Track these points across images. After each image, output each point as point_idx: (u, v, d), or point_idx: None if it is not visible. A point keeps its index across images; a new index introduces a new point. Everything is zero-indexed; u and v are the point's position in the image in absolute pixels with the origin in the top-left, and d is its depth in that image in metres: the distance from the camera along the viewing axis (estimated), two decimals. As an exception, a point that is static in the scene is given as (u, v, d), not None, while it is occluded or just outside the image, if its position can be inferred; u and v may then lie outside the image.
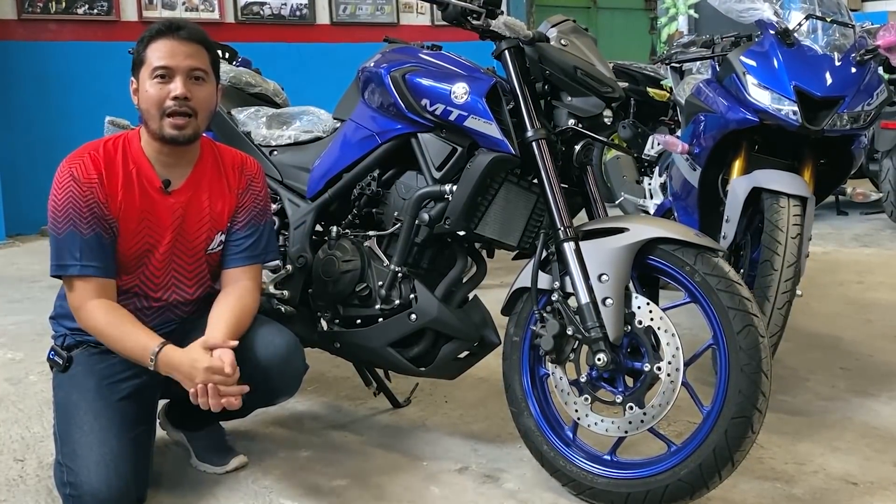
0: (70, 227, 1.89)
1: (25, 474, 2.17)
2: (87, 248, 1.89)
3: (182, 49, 1.91)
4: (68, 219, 1.89)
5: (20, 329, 3.58)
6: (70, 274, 1.90)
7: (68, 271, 1.90)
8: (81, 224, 1.88)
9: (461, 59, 2.19)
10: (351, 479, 2.11)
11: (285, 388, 2.08)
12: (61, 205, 1.90)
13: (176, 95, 1.89)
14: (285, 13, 7.11)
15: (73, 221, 1.89)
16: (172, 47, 1.91)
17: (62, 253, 1.90)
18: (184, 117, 1.91)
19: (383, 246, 2.23)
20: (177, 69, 1.90)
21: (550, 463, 1.97)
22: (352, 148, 2.28)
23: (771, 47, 2.61)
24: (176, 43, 1.91)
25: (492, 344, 2.17)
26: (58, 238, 1.90)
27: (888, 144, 5.24)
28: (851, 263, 4.44)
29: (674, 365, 1.78)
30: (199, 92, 1.93)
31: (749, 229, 2.66)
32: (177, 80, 1.90)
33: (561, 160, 2.06)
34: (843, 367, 2.83)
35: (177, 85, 1.90)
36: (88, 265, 1.89)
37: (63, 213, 1.89)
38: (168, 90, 1.90)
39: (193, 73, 1.92)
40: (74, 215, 1.88)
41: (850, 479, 2.04)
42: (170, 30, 1.92)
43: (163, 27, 1.93)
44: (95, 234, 1.89)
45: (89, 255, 1.89)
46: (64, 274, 1.91)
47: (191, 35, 1.93)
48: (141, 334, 1.89)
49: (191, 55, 1.92)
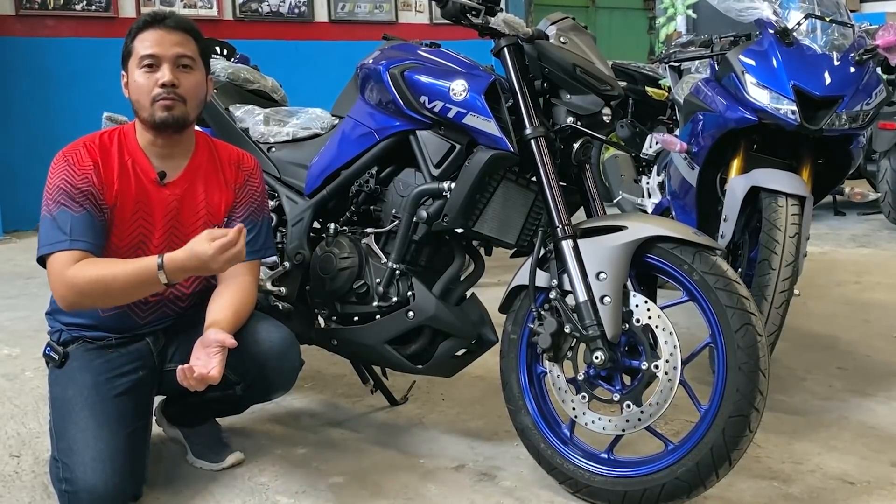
0: (61, 206, 1.86)
1: (21, 470, 2.16)
2: (77, 226, 1.85)
3: (168, 38, 1.92)
4: (59, 199, 1.87)
5: (16, 325, 3.58)
6: (58, 249, 1.83)
7: (57, 247, 1.84)
8: (73, 204, 1.86)
9: (460, 57, 2.18)
10: (348, 476, 2.11)
11: (281, 383, 2.08)
12: (54, 186, 1.88)
13: (164, 83, 1.90)
14: (283, 10, 7.11)
15: (64, 202, 1.86)
16: (159, 36, 1.92)
17: (51, 231, 1.85)
18: (172, 100, 1.91)
19: (381, 243, 2.23)
20: (163, 57, 1.91)
21: (547, 461, 1.97)
22: (350, 145, 2.28)
23: (770, 46, 2.61)
24: (162, 32, 1.92)
25: (489, 342, 2.17)
26: (49, 218, 1.87)
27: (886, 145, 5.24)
28: (849, 263, 4.45)
29: (671, 363, 1.78)
30: (186, 79, 1.94)
31: (747, 228, 2.66)
32: (164, 67, 1.91)
33: (559, 158, 2.06)
34: (841, 366, 2.83)
35: (164, 72, 1.90)
36: (78, 240, 1.84)
37: (55, 194, 1.87)
38: (156, 78, 1.90)
39: (180, 61, 1.93)
40: (66, 196, 1.86)
41: (847, 478, 2.04)
42: (156, 20, 1.93)
43: (149, 18, 1.95)
44: (87, 212, 1.87)
45: (80, 232, 1.85)
46: (54, 250, 1.84)
47: (177, 24, 1.94)
48: (137, 260, 1.83)
49: (177, 43, 1.93)
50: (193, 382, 1.73)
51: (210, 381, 1.75)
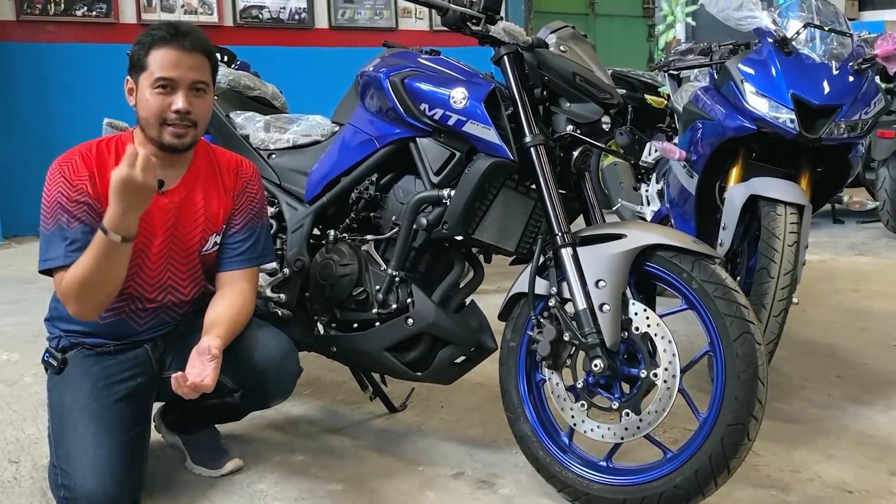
0: (58, 222, 1.87)
1: (20, 476, 2.16)
2: (73, 241, 1.85)
3: (186, 60, 1.88)
4: (56, 214, 1.87)
5: (16, 330, 3.58)
6: (55, 265, 1.86)
7: (54, 263, 1.86)
8: (69, 219, 1.87)
9: (460, 64, 2.19)
10: (346, 483, 2.11)
11: (279, 390, 2.08)
12: (50, 201, 1.88)
13: (178, 109, 1.87)
14: (284, 17, 7.12)
15: (60, 217, 1.87)
16: (176, 58, 1.87)
17: (50, 246, 1.87)
18: (184, 128, 1.90)
19: (381, 250, 2.23)
20: (180, 82, 1.87)
21: (546, 469, 1.97)
22: (350, 152, 2.28)
23: (769, 55, 2.62)
24: (180, 53, 1.87)
25: (488, 349, 2.17)
26: (47, 233, 1.89)
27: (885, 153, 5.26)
28: (847, 272, 4.45)
29: (670, 371, 1.78)
30: (199, 105, 1.92)
31: (746, 237, 2.66)
32: (179, 93, 1.87)
33: (559, 166, 2.06)
34: (839, 375, 2.83)
35: (179, 98, 1.87)
36: (74, 254, 1.85)
37: (52, 208, 1.88)
38: (169, 102, 1.87)
39: (195, 86, 1.90)
40: (62, 211, 1.87)
41: (846, 487, 2.04)
42: (175, 37, 1.87)
43: (167, 34, 1.88)
44: (83, 227, 1.86)
45: (76, 248, 1.85)
46: (50, 266, 1.87)
47: (194, 45, 1.89)
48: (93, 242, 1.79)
49: (194, 67, 1.89)
50: (187, 390, 1.73)
51: (203, 390, 1.75)
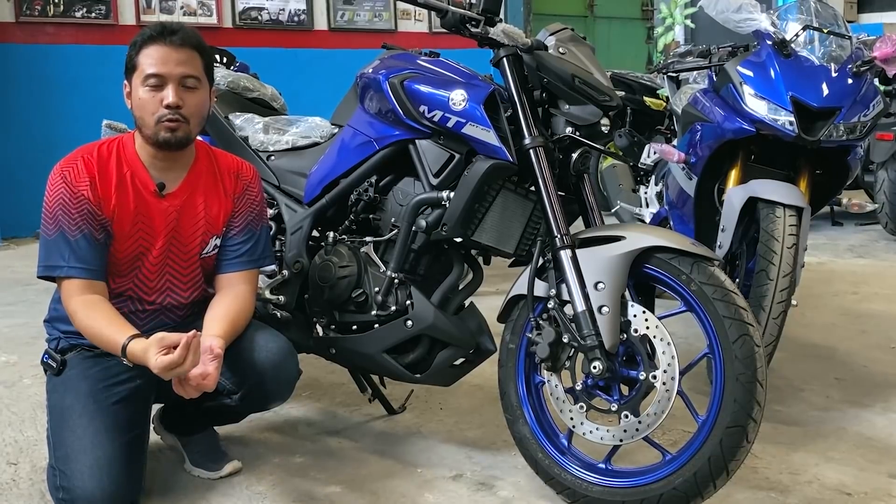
0: (59, 229, 1.88)
1: (18, 478, 2.16)
2: (75, 250, 1.88)
3: (174, 56, 1.88)
4: (57, 221, 1.88)
5: (15, 332, 3.57)
6: (57, 275, 1.89)
7: (55, 272, 1.89)
8: (70, 226, 1.88)
9: (459, 66, 2.19)
10: (345, 485, 2.11)
11: (278, 393, 2.08)
12: (52, 207, 1.90)
13: (168, 104, 1.88)
14: (283, 19, 7.12)
15: (62, 224, 1.88)
16: (165, 54, 1.88)
17: (51, 254, 1.90)
18: (176, 122, 1.90)
19: (380, 252, 2.23)
20: (168, 76, 1.88)
21: (545, 471, 1.97)
22: (349, 154, 2.28)
23: (768, 58, 2.62)
24: (169, 49, 1.88)
25: (487, 351, 2.17)
26: (47, 240, 1.90)
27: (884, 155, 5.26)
28: (846, 274, 4.46)
29: (669, 374, 1.78)
30: (191, 99, 1.92)
31: (745, 239, 2.67)
32: (168, 87, 1.88)
33: (558, 168, 2.06)
34: (838, 377, 2.83)
35: (168, 93, 1.88)
36: (74, 266, 1.88)
37: (53, 215, 1.89)
38: (160, 98, 1.88)
39: (186, 81, 1.90)
40: (63, 218, 1.88)
41: (845, 489, 2.04)
42: (162, 35, 1.89)
43: (155, 32, 1.90)
44: (84, 235, 1.88)
45: (77, 257, 1.88)
46: (51, 275, 1.91)
47: (184, 40, 1.90)
48: (115, 327, 1.83)
49: (183, 62, 1.89)
50: (188, 389, 1.74)
51: (205, 388, 1.76)
